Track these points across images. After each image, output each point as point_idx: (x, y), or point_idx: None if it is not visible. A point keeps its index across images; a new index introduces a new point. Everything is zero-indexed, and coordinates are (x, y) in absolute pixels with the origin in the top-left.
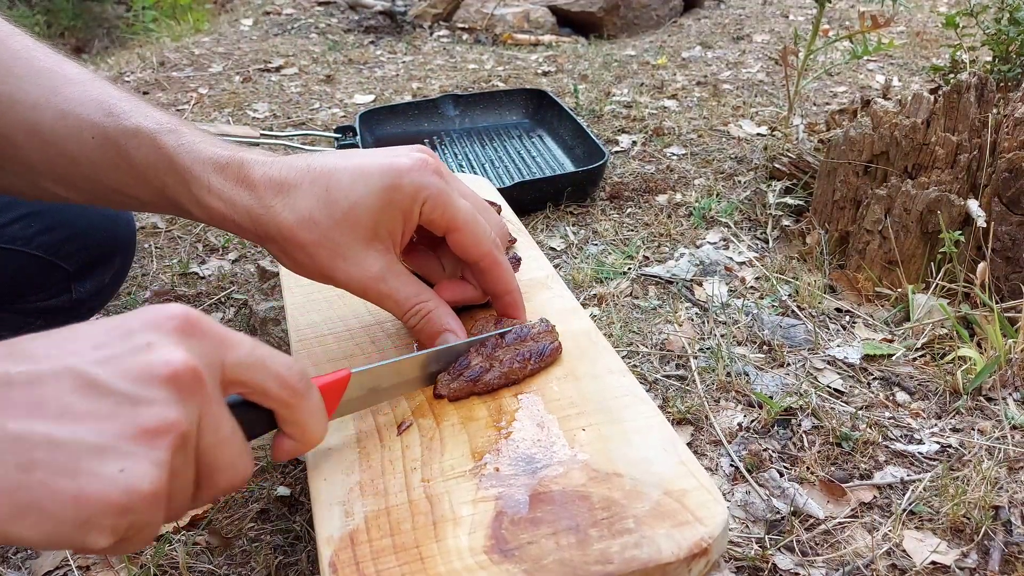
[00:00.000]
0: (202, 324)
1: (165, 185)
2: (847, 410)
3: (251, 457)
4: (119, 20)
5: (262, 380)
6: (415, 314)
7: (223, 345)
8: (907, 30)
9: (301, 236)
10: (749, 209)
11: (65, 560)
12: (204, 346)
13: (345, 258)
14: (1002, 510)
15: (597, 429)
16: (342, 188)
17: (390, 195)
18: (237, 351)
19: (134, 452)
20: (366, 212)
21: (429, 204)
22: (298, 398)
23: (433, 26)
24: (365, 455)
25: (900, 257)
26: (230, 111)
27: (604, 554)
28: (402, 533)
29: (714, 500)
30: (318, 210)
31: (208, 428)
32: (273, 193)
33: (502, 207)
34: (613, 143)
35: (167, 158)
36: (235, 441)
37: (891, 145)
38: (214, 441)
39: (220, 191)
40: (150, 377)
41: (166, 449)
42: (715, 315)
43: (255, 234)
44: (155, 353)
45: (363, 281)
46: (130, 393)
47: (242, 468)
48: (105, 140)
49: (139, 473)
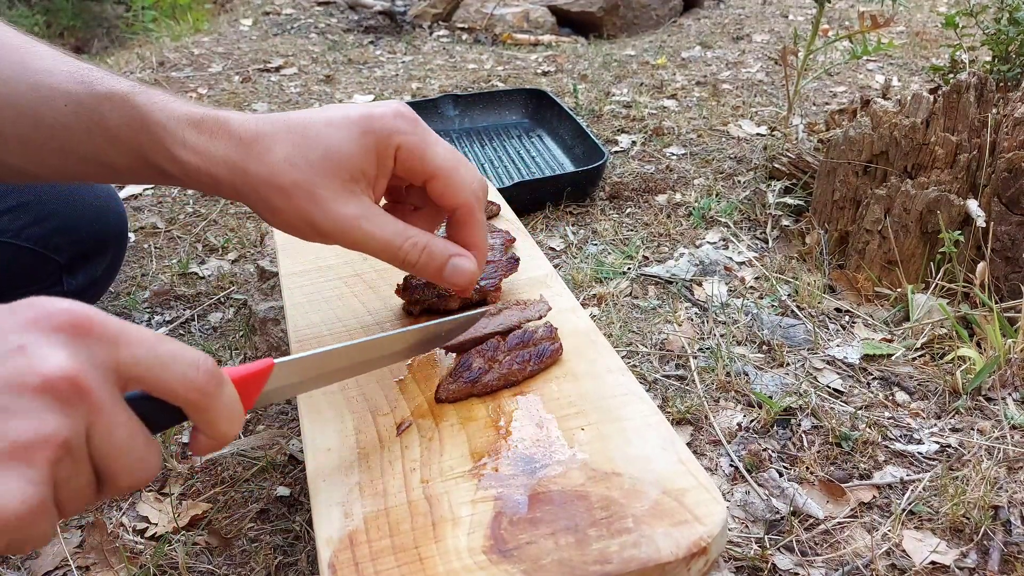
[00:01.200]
0: (91, 322)
1: (140, 145)
2: (847, 410)
3: (158, 453)
4: (119, 20)
5: (165, 380)
6: (412, 248)
7: (117, 344)
8: (907, 30)
9: (280, 179)
10: (749, 209)
11: (65, 560)
12: (93, 346)
13: (324, 200)
14: (1001, 510)
15: (596, 428)
16: (318, 134)
17: (363, 139)
18: (135, 350)
19: (3, 469)
20: (342, 155)
21: (404, 150)
22: (207, 398)
23: (433, 26)
24: (364, 456)
25: (900, 257)
26: None
27: (603, 554)
28: (401, 534)
29: (713, 499)
30: (296, 154)
31: (100, 434)
32: (251, 141)
33: (501, 207)
34: (613, 143)
35: (141, 117)
36: (135, 444)
37: (891, 145)
38: (109, 446)
39: (195, 145)
40: (21, 386)
41: (42, 464)
42: (715, 315)
43: (232, 185)
44: (28, 359)
45: (343, 221)
46: (2, 405)
47: (146, 467)
48: (79, 106)
49: (8, 492)
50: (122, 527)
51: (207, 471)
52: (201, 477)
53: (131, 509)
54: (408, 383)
